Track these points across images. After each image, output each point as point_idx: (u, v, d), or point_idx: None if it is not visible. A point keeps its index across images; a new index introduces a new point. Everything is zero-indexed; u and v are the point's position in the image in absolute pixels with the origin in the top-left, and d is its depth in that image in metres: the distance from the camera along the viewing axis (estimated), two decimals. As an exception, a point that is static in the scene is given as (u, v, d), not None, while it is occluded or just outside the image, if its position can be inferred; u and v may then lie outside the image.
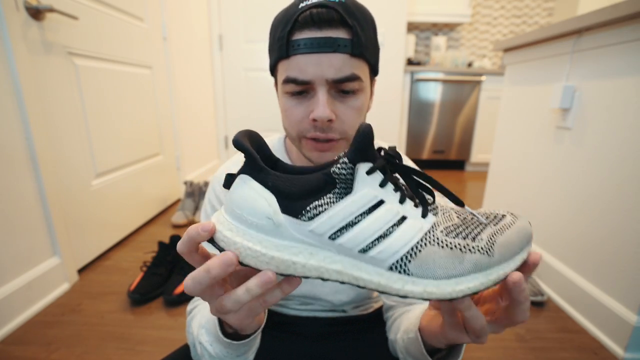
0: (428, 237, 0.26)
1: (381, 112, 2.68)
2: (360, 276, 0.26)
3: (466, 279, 0.25)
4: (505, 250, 0.25)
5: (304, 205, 0.25)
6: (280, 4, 2.31)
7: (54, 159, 1.15)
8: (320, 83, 0.41)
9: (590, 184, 1.06)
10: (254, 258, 0.25)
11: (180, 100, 2.10)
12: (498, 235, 0.26)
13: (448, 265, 0.25)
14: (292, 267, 0.25)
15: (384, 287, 0.25)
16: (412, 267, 0.25)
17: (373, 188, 0.25)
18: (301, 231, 0.25)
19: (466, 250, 0.25)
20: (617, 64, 0.97)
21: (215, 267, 0.25)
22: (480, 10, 3.42)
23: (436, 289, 0.25)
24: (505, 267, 0.25)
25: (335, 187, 0.25)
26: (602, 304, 0.99)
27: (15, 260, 1.02)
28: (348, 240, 0.25)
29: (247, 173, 0.26)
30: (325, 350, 0.57)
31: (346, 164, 0.25)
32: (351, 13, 0.40)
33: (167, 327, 1.03)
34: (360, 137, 0.25)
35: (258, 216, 0.25)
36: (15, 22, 0.99)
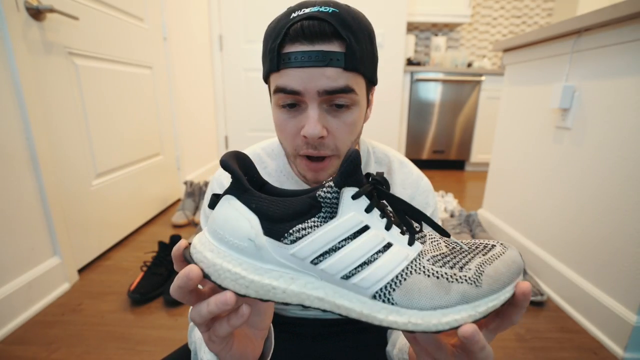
0: (414, 265, 0.25)
1: (381, 112, 2.68)
2: (342, 304, 0.25)
3: (453, 310, 0.24)
4: (493, 282, 0.24)
5: (287, 228, 0.25)
6: (280, 5, 2.31)
7: (54, 159, 1.15)
8: (312, 97, 0.39)
9: (590, 183, 1.06)
10: (233, 281, 0.24)
11: (180, 100, 2.10)
12: (486, 265, 0.25)
13: (434, 295, 0.24)
14: (272, 292, 0.25)
15: (366, 316, 0.25)
16: (396, 296, 0.24)
17: (358, 213, 0.25)
18: (283, 255, 0.25)
19: (453, 280, 0.24)
20: (617, 64, 0.97)
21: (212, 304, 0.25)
22: (480, 10, 3.42)
23: (421, 320, 0.24)
24: (495, 299, 0.24)
25: (321, 211, 0.25)
26: (602, 304, 0.99)
27: (16, 260, 1.02)
28: (330, 266, 0.24)
29: (232, 194, 0.26)
30: (325, 350, 0.57)
31: (332, 188, 0.25)
32: (345, 24, 0.38)
33: (167, 327, 1.03)
34: (347, 162, 0.25)
35: (239, 237, 0.25)
36: (15, 22, 0.99)
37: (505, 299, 0.25)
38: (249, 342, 0.33)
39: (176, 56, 2.02)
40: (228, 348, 0.30)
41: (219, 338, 0.28)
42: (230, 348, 0.30)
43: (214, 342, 0.28)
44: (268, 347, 0.37)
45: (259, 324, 0.34)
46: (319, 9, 0.38)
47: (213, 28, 2.55)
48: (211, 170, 2.63)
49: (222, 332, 0.27)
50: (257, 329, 0.34)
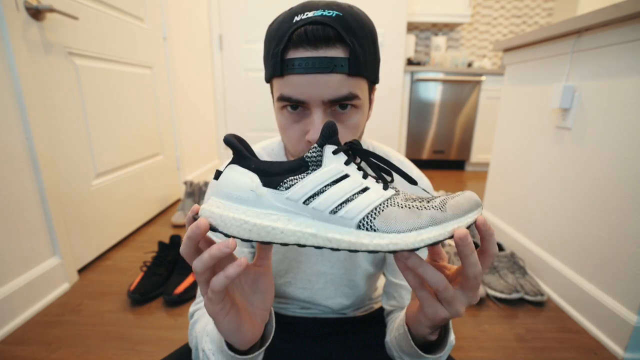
0: (389, 201, 0.30)
1: (381, 112, 2.68)
2: (333, 237, 0.29)
3: (425, 230, 0.28)
4: (455, 209, 0.29)
5: (282, 179, 0.29)
6: (280, 5, 2.31)
7: (54, 159, 1.15)
8: (316, 104, 0.39)
9: (590, 183, 1.06)
10: (238, 227, 0.28)
11: (180, 100, 2.10)
12: (449, 199, 0.30)
13: (408, 220, 0.28)
14: (272, 233, 0.28)
15: (354, 244, 0.28)
16: (377, 224, 0.28)
17: (339, 164, 0.30)
18: (279, 199, 0.29)
19: (422, 208, 0.29)
20: (617, 64, 0.97)
21: (214, 248, 0.28)
22: (480, 10, 3.42)
23: (400, 240, 0.28)
24: (458, 222, 0.29)
25: (308, 168, 0.30)
26: (602, 304, 0.99)
27: (16, 260, 1.02)
28: (319, 204, 0.29)
29: (234, 162, 0.31)
30: (325, 350, 0.57)
31: (316, 148, 0.30)
32: (349, 28, 0.37)
33: (167, 327, 1.03)
34: (326, 129, 0.30)
35: (242, 190, 0.29)
36: (15, 22, 0.99)
37: (467, 223, 0.29)
38: (248, 317, 0.34)
39: (176, 56, 2.02)
40: (225, 312, 0.31)
41: (215, 294, 0.29)
42: (228, 312, 0.31)
43: (211, 300, 0.30)
44: (269, 331, 0.38)
45: (259, 303, 0.35)
46: (322, 12, 0.38)
47: (213, 28, 2.55)
48: (211, 170, 2.63)
49: (217, 285, 0.28)
50: (258, 308, 0.35)
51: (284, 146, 0.57)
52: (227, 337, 0.33)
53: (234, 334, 0.33)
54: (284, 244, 0.29)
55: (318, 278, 0.56)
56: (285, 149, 0.56)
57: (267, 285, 0.35)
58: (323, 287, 0.56)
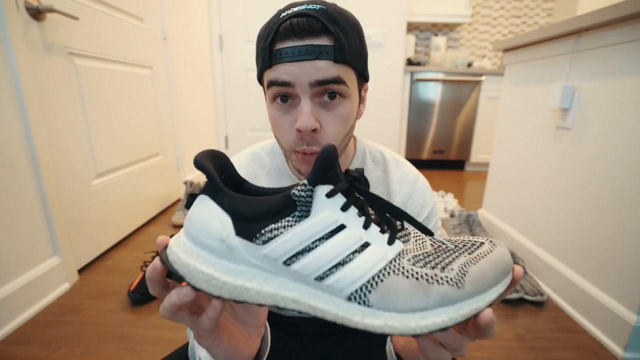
0: (392, 265, 0.24)
1: (381, 112, 2.68)
2: (317, 306, 0.24)
3: (432, 312, 0.23)
4: (477, 282, 0.23)
5: (260, 228, 0.24)
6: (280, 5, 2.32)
7: (54, 159, 1.15)
8: (303, 90, 0.40)
9: (590, 183, 1.06)
10: (206, 282, 0.24)
11: (180, 100, 2.10)
12: (470, 265, 0.24)
13: (412, 297, 0.23)
14: (246, 294, 0.24)
15: (342, 318, 0.24)
16: (372, 299, 0.23)
17: (333, 212, 0.24)
18: (255, 255, 0.24)
19: (433, 281, 0.23)
20: (617, 64, 0.97)
21: (173, 296, 0.26)
22: (480, 10, 3.42)
23: (398, 323, 0.23)
24: (479, 300, 0.23)
25: (295, 210, 0.24)
26: (602, 304, 0.99)
27: (16, 260, 1.02)
28: (303, 267, 0.24)
29: (206, 193, 0.26)
30: (325, 350, 0.57)
31: (305, 186, 0.24)
32: (333, 20, 0.39)
33: (167, 327, 1.03)
34: (321, 158, 0.24)
35: (212, 238, 0.24)
36: (15, 22, 0.99)
37: (490, 300, 0.23)
38: (243, 339, 0.33)
39: (176, 56, 2.02)
40: (217, 343, 0.30)
41: (205, 332, 0.28)
42: (220, 343, 0.30)
43: (202, 336, 0.29)
44: (264, 346, 0.37)
45: (252, 322, 0.34)
46: (306, 7, 0.40)
47: (213, 28, 2.55)
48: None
49: (205, 326, 0.27)
50: (251, 326, 0.34)
51: None
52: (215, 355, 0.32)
53: (231, 358, 0.32)
54: (259, 305, 0.25)
55: None
56: (284, 152, 0.56)
57: None
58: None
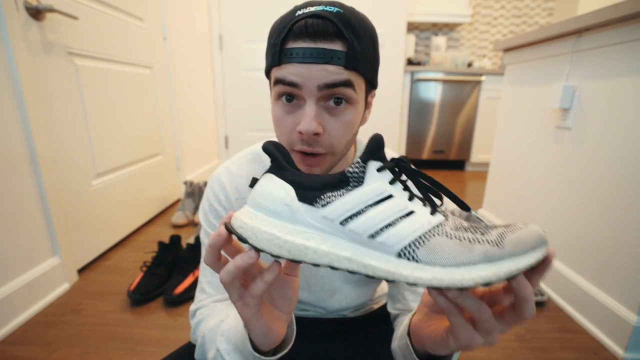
0: (437, 229, 0.26)
1: (381, 112, 2.68)
2: (369, 263, 0.26)
3: (477, 267, 0.24)
4: (516, 245, 0.25)
5: (319, 194, 0.27)
6: (280, 5, 2.31)
7: (54, 159, 1.15)
8: (310, 93, 0.39)
9: (590, 183, 1.06)
10: (269, 241, 0.27)
11: (180, 100, 2.10)
12: (508, 233, 0.26)
13: (457, 253, 0.25)
14: (304, 252, 0.27)
15: (392, 274, 0.26)
16: (420, 254, 0.25)
17: (383, 183, 0.27)
18: (314, 217, 0.27)
19: (475, 242, 0.25)
20: (617, 64, 0.97)
21: (238, 259, 0.29)
22: (480, 10, 3.42)
23: (446, 275, 0.24)
24: (518, 261, 0.25)
25: (349, 184, 0.28)
26: (602, 304, 0.99)
27: (16, 260, 1.02)
28: (358, 226, 0.26)
29: (271, 172, 0.30)
30: (325, 350, 0.57)
31: (359, 163, 0.28)
32: (348, 25, 0.38)
33: (167, 327, 1.03)
34: (372, 143, 0.28)
35: (276, 203, 0.28)
36: (15, 22, 0.99)
37: (529, 263, 0.24)
38: (276, 319, 0.35)
39: (176, 56, 2.02)
40: (259, 315, 0.32)
41: (253, 299, 0.30)
42: (261, 315, 0.33)
43: (249, 305, 0.31)
44: (290, 332, 0.40)
45: (285, 307, 0.36)
46: (324, 8, 0.39)
47: (213, 28, 2.55)
48: (211, 170, 2.63)
49: (257, 290, 0.30)
50: (283, 312, 0.36)
51: None
52: (257, 338, 0.35)
53: (265, 336, 0.34)
54: (315, 265, 0.27)
55: (316, 281, 0.56)
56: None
57: (293, 291, 0.36)
58: (321, 289, 0.56)
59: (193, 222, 1.78)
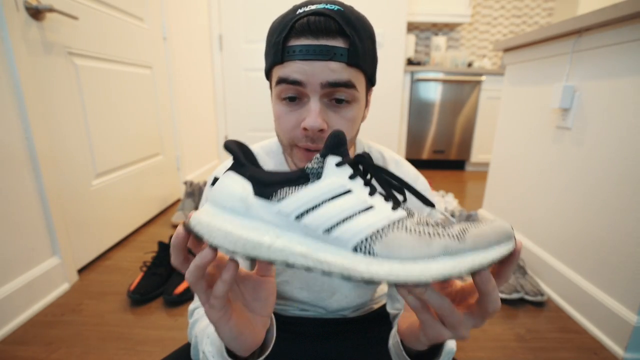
0: (396, 225, 0.25)
1: (381, 112, 2.68)
2: (325, 259, 0.25)
3: (435, 261, 0.23)
4: (477, 240, 0.24)
5: (276, 189, 0.27)
6: (280, 5, 2.32)
7: (54, 158, 1.15)
8: (314, 90, 0.40)
9: (590, 183, 1.06)
10: (223, 238, 0.26)
11: (180, 100, 2.10)
12: (471, 228, 0.25)
13: (415, 247, 0.24)
14: (258, 248, 0.26)
15: (348, 269, 0.25)
16: (377, 248, 0.25)
17: (341, 178, 0.27)
18: (269, 211, 0.27)
19: (435, 235, 0.24)
20: (617, 64, 0.97)
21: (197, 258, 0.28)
22: (480, 10, 3.42)
23: (402, 271, 0.24)
24: (481, 256, 0.24)
25: (308, 180, 0.27)
26: (602, 304, 0.99)
27: (16, 260, 1.02)
28: (313, 221, 0.26)
29: (231, 169, 0.29)
30: (325, 350, 0.57)
31: (318, 159, 0.28)
32: (349, 22, 0.39)
33: (167, 327, 1.03)
34: (331, 138, 0.27)
35: (232, 199, 0.27)
36: (15, 22, 0.99)
37: (492, 258, 0.24)
38: (249, 324, 0.33)
39: (176, 56, 2.02)
40: (227, 318, 0.31)
41: (217, 301, 0.29)
42: (229, 319, 0.31)
43: (214, 307, 0.30)
44: (269, 337, 0.38)
45: (260, 310, 0.35)
46: (325, 6, 0.39)
47: (213, 28, 2.55)
48: (211, 170, 2.63)
49: (219, 291, 0.29)
50: (258, 314, 0.35)
51: None
52: (228, 343, 0.33)
53: (235, 340, 0.32)
54: (270, 262, 0.26)
55: (316, 280, 0.56)
56: (283, 147, 0.56)
57: (268, 292, 0.34)
58: (320, 289, 0.56)
59: (193, 222, 1.78)
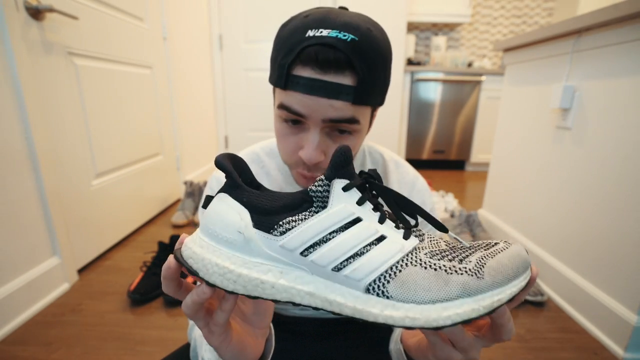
0: (409, 258, 0.24)
1: (381, 112, 2.68)
2: (334, 299, 0.23)
3: (453, 304, 0.22)
4: (497, 274, 0.23)
5: (277, 220, 0.24)
6: (280, 5, 2.30)
7: (54, 159, 1.15)
8: (315, 123, 0.39)
9: (591, 183, 1.06)
10: (221, 275, 0.24)
11: (180, 100, 2.10)
12: (488, 259, 0.24)
13: (432, 287, 0.22)
14: (260, 287, 0.24)
15: (360, 312, 0.23)
16: (391, 289, 0.23)
17: (350, 204, 0.24)
18: (272, 247, 0.24)
19: (452, 272, 0.23)
20: (617, 64, 0.97)
21: (194, 294, 0.26)
22: (480, 10, 3.42)
23: (419, 314, 0.22)
24: (500, 293, 0.23)
25: (312, 205, 0.24)
26: (602, 304, 0.99)
27: (16, 260, 1.02)
28: (321, 257, 0.23)
29: (224, 191, 0.26)
30: (325, 350, 0.57)
31: (322, 181, 0.25)
32: (362, 55, 0.36)
33: (167, 327, 1.03)
34: (337, 156, 0.25)
35: (229, 230, 0.24)
36: (15, 22, 0.99)
37: (511, 294, 0.23)
38: (250, 339, 0.33)
39: (176, 56, 2.02)
40: (227, 341, 0.30)
41: (218, 328, 0.28)
42: (230, 342, 0.30)
43: (214, 333, 0.28)
44: (269, 347, 0.38)
45: (259, 323, 0.34)
46: (337, 34, 0.35)
47: (213, 28, 2.55)
48: (211, 170, 2.63)
49: (219, 320, 0.27)
50: (258, 327, 0.34)
51: None
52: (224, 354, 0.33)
53: (238, 358, 0.32)
54: (274, 301, 0.24)
55: None
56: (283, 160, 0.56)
57: (267, 305, 0.34)
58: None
59: (193, 222, 1.78)
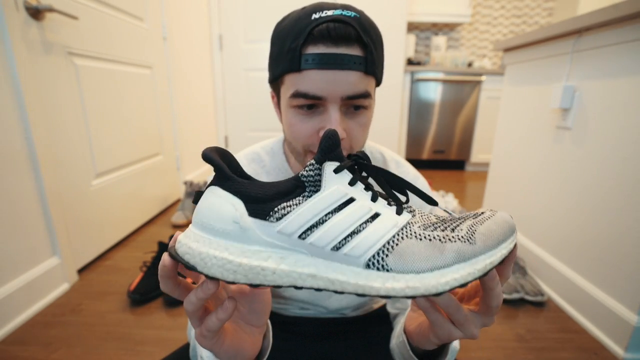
0: (405, 231, 0.25)
1: (381, 112, 2.68)
2: (336, 278, 0.24)
3: (450, 270, 0.23)
4: (487, 239, 0.24)
5: (272, 207, 0.24)
6: (280, 5, 2.30)
7: (54, 159, 1.15)
8: (333, 100, 0.40)
9: (591, 183, 1.06)
10: (220, 267, 0.24)
11: (180, 100, 2.10)
12: (477, 225, 0.25)
13: (429, 256, 0.24)
14: (262, 275, 0.24)
15: (362, 287, 0.24)
16: (390, 262, 0.24)
17: (342, 185, 0.25)
18: (269, 233, 0.24)
19: (446, 240, 0.24)
20: (617, 64, 0.97)
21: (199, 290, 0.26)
22: (480, 10, 3.42)
23: (419, 283, 0.23)
24: (492, 255, 0.24)
25: (305, 190, 0.25)
26: (602, 304, 0.99)
27: (15, 260, 1.02)
28: (319, 238, 0.24)
29: (215, 184, 0.26)
30: (325, 350, 0.57)
31: (313, 165, 0.25)
32: (366, 30, 0.40)
33: (167, 327, 1.03)
34: (325, 140, 0.25)
35: (224, 221, 0.24)
36: (15, 22, 0.99)
37: (502, 255, 0.24)
38: (246, 338, 0.33)
39: (176, 56, 2.02)
40: (220, 344, 0.30)
41: (210, 332, 0.28)
42: (223, 344, 0.30)
43: (205, 337, 0.28)
44: (266, 344, 0.38)
45: (256, 321, 0.34)
46: (342, 12, 0.39)
47: (213, 28, 2.55)
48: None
49: (212, 326, 0.27)
50: (255, 325, 0.34)
51: (282, 146, 0.57)
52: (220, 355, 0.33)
53: (234, 358, 0.32)
54: (276, 287, 0.24)
55: None
56: (284, 148, 0.56)
57: (264, 304, 0.34)
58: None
59: (193, 222, 1.78)
